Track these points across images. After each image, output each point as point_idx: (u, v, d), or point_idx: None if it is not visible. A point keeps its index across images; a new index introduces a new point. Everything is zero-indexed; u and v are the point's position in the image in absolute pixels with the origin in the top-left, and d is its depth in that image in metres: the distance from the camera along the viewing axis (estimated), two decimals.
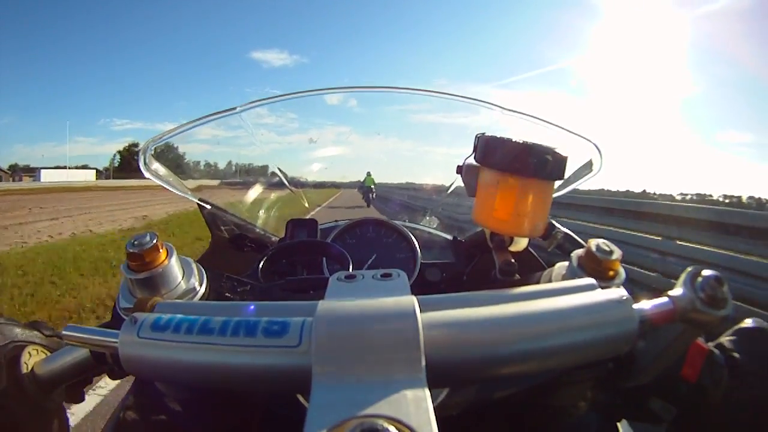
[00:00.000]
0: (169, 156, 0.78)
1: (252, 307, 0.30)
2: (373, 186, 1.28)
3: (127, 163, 75.52)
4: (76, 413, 1.94)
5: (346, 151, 1.08)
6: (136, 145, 73.06)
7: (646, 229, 3.98)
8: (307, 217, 0.93)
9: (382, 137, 1.07)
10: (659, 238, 3.78)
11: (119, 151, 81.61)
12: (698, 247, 3.43)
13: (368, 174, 1.18)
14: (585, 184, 0.73)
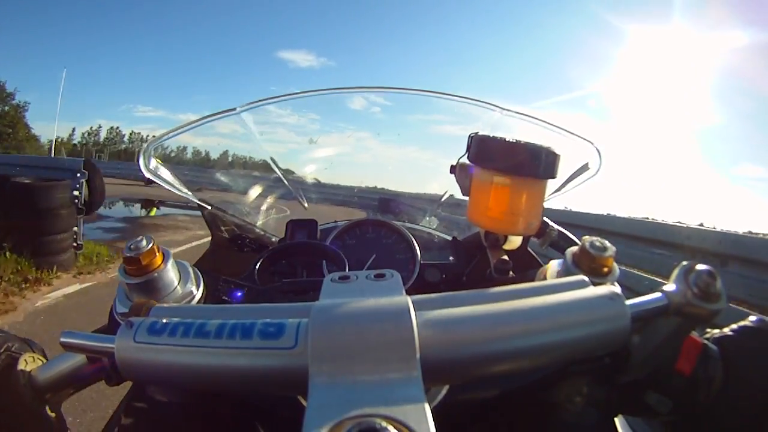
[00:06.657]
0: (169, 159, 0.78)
1: (248, 309, 0.30)
2: None
3: None
4: None
5: (364, 157, 1.10)
6: None
7: None
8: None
9: (400, 145, 1.11)
10: None
11: None
12: None
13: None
14: None
